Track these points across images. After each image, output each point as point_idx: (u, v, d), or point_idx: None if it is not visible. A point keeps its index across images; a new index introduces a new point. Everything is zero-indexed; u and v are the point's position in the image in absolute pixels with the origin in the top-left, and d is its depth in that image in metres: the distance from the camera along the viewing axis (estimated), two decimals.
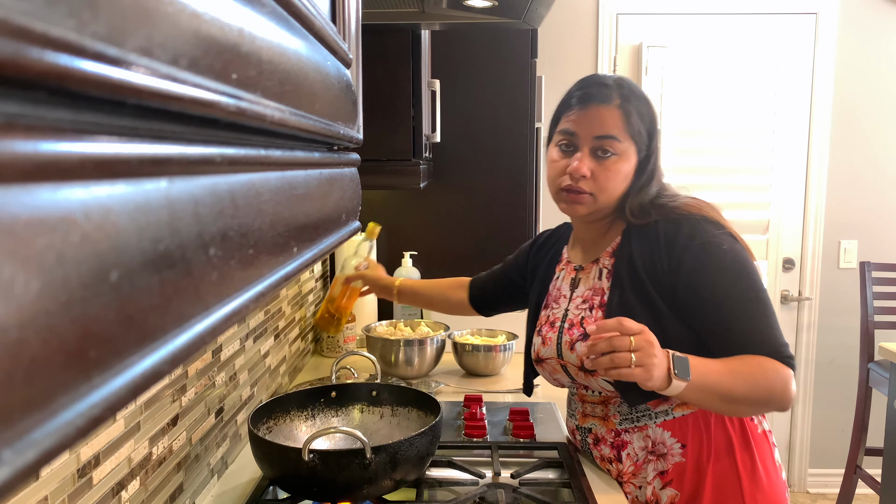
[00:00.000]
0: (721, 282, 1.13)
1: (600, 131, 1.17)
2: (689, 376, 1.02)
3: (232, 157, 0.27)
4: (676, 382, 1.01)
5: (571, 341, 1.21)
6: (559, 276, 1.33)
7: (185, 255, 0.22)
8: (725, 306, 1.12)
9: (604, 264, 1.24)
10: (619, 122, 1.17)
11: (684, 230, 1.15)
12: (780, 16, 3.00)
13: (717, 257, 1.13)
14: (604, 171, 1.18)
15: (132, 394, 0.18)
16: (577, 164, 1.18)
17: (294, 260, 0.35)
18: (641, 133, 1.19)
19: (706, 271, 1.13)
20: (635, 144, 1.19)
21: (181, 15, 0.20)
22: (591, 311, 1.21)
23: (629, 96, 1.19)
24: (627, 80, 1.23)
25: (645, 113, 1.20)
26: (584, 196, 1.19)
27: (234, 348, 1.34)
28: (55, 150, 0.15)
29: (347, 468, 1.00)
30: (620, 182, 1.19)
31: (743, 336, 1.11)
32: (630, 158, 1.19)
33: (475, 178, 2.32)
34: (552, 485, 1.23)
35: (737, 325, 1.12)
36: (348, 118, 0.47)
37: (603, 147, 1.17)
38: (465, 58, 2.26)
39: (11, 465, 0.14)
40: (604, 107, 1.18)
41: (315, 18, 0.37)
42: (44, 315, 0.15)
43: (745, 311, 1.12)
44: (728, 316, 1.12)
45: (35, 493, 0.72)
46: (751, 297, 1.13)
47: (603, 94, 1.19)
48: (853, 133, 3.07)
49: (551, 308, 1.31)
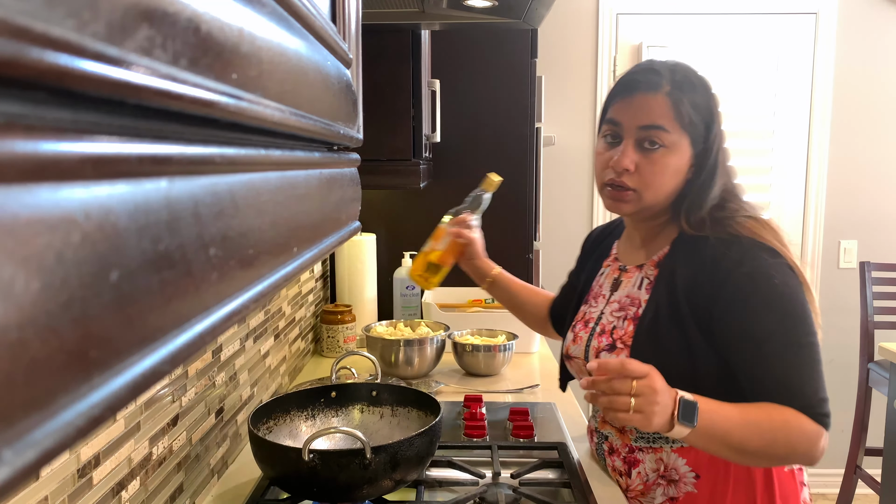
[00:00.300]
0: (763, 318, 1.02)
1: (646, 120, 1.07)
2: (694, 422, 0.95)
3: (232, 157, 0.27)
4: (679, 428, 0.95)
5: (598, 349, 1.16)
6: (604, 273, 1.27)
7: (185, 255, 0.22)
8: (764, 346, 1.01)
9: (647, 273, 1.15)
10: (668, 111, 1.06)
11: (733, 254, 1.03)
12: (780, 16, 3.00)
13: (764, 290, 1.02)
14: (649, 165, 1.07)
15: (132, 394, 0.18)
16: (619, 156, 1.08)
17: (294, 260, 0.35)
18: (696, 125, 1.07)
19: (748, 303, 1.02)
20: (689, 137, 1.07)
21: (181, 15, 0.20)
22: (624, 321, 1.14)
23: (682, 83, 1.07)
24: (683, 66, 1.11)
25: (701, 102, 1.08)
26: (628, 193, 1.10)
27: (234, 348, 1.34)
28: (55, 150, 0.15)
29: (347, 468, 1.00)
30: (669, 178, 1.08)
31: (777, 383, 1.01)
32: (681, 152, 1.08)
33: (475, 178, 2.31)
34: (552, 485, 1.23)
35: (773, 370, 1.01)
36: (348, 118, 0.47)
37: (650, 138, 1.07)
38: (465, 58, 2.26)
39: (11, 465, 0.14)
40: (651, 95, 1.07)
41: (315, 18, 0.37)
42: (44, 315, 0.15)
43: (784, 356, 1.01)
44: (765, 357, 1.02)
45: (35, 493, 0.72)
46: (794, 340, 1.02)
47: (651, 81, 1.08)
48: (853, 133, 3.07)
49: (590, 305, 1.25)
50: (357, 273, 2.15)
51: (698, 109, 1.08)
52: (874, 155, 3.09)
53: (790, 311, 1.02)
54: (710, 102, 1.09)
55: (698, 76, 1.11)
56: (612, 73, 3.05)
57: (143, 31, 0.18)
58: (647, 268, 1.16)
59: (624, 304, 1.16)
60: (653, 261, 1.15)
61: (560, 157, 3.07)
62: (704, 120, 1.08)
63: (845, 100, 3.05)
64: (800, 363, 1.01)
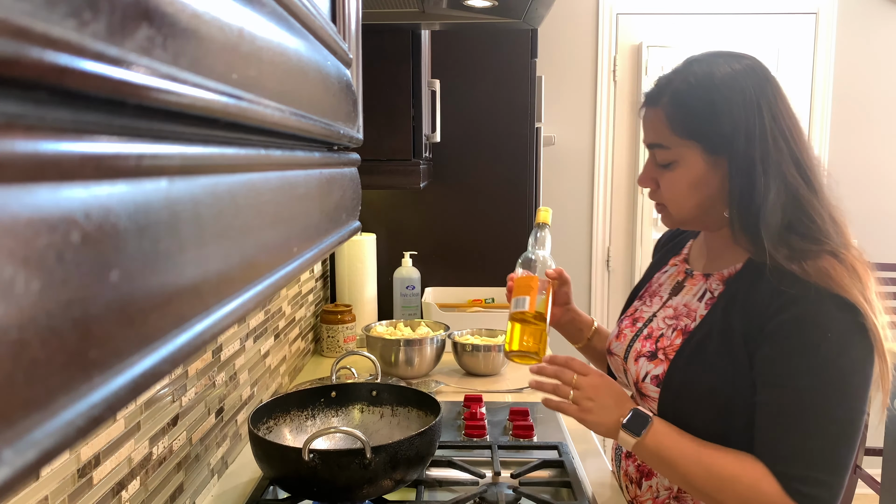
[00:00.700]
0: (795, 369, 0.89)
1: (648, 139, 1.02)
2: (639, 434, 0.96)
3: (232, 157, 0.27)
4: (623, 435, 0.97)
5: (639, 353, 1.09)
6: (668, 272, 1.17)
7: (185, 255, 0.22)
8: (784, 398, 0.90)
9: (712, 286, 1.04)
10: (664, 126, 0.98)
11: (794, 291, 0.90)
12: (780, 16, 3.00)
13: (808, 340, 0.89)
14: (663, 181, 1.01)
15: (132, 394, 0.18)
16: (640, 175, 1.06)
17: (294, 260, 0.35)
18: (702, 129, 0.95)
19: (783, 347, 0.90)
20: (699, 144, 0.96)
21: (181, 15, 0.20)
22: (673, 332, 1.05)
23: (680, 92, 0.97)
24: (691, 69, 0.98)
25: (703, 106, 0.95)
26: (661, 207, 1.05)
27: (234, 348, 1.34)
28: (55, 150, 0.15)
29: (347, 468, 1.00)
30: (686, 193, 0.99)
31: (772, 438, 0.91)
32: (692, 164, 0.97)
33: (475, 178, 2.32)
34: (552, 485, 1.23)
35: (778, 426, 0.90)
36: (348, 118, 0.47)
37: (656, 157, 1.01)
38: (465, 58, 2.26)
39: (12, 465, 0.14)
40: (651, 110, 1.01)
41: (315, 18, 0.37)
42: (44, 315, 0.15)
43: (800, 418, 0.89)
44: (777, 409, 0.90)
45: (35, 493, 0.72)
46: (820, 405, 0.88)
47: (651, 95, 1.02)
48: (853, 133, 3.08)
49: (644, 302, 1.17)
50: (357, 273, 2.16)
51: (696, 113, 0.96)
52: (874, 154, 3.09)
53: (832, 377, 0.88)
54: (715, 102, 0.94)
55: (708, 70, 0.97)
56: (612, 73, 3.05)
57: (143, 31, 0.18)
58: (713, 281, 1.05)
59: (679, 312, 1.07)
60: (721, 275, 1.04)
61: (560, 157, 3.07)
62: (710, 122, 0.95)
63: (845, 99, 3.05)
64: (812, 430, 0.89)
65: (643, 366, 1.06)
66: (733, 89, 0.94)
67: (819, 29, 3.00)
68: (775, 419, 0.91)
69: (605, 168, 3.10)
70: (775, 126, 0.94)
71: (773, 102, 0.95)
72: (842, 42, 3.01)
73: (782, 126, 0.95)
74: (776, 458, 0.90)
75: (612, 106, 3.07)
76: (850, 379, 0.89)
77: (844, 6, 3.00)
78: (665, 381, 1.02)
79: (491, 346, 1.83)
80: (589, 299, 3.18)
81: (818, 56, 3.01)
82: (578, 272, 3.16)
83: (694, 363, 0.99)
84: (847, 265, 0.90)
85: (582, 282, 3.18)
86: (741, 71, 0.96)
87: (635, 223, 3.14)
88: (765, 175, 0.93)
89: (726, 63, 0.97)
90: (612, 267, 3.17)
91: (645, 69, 3.01)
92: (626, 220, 3.15)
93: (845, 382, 0.89)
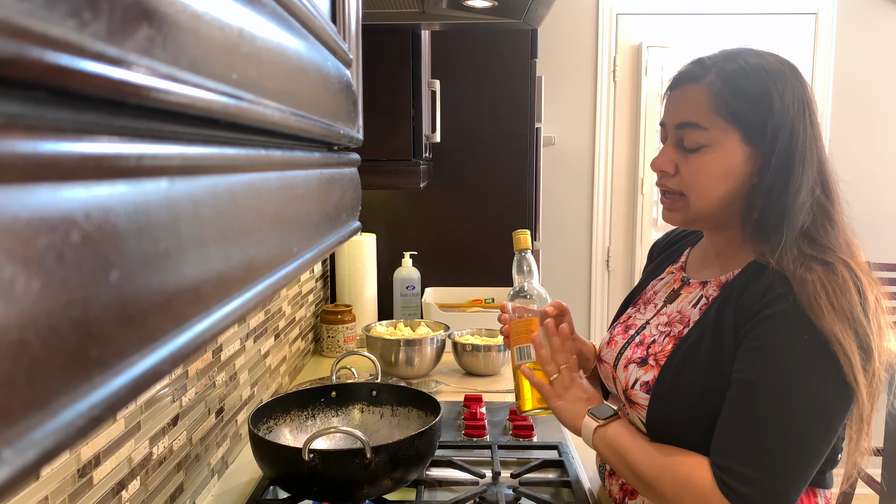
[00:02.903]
0: (762, 366, 0.86)
1: (680, 117, 0.94)
2: (603, 418, 0.98)
3: (232, 157, 0.27)
4: (588, 420, 1.00)
5: (629, 359, 1.04)
6: (664, 279, 1.12)
7: (185, 256, 0.22)
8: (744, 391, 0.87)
9: (708, 293, 1.00)
10: (706, 104, 0.92)
11: (783, 289, 0.87)
12: (780, 16, 3.00)
13: (782, 340, 0.86)
14: (688, 166, 0.94)
15: (132, 394, 0.18)
16: (657, 156, 0.97)
17: (294, 260, 0.35)
18: (746, 116, 0.91)
19: (757, 343, 0.87)
20: (739, 131, 0.91)
21: (181, 15, 0.20)
22: (665, 338, 1.01)
23: (730, 73, 0.92)
24: (745, 53, 0.94)
25: (754, 90, 0.91)
26: (676, 200, 0.97)
27: (234, 348, 1.34)
28: (55, 150, 0.15)
29: (347, 468, 1.00)
30: (715, 181, 0.93)
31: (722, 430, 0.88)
32: (728, 150, 0.92)
33: (475, 178, 2.32)
34: (552, 485, 1.23)
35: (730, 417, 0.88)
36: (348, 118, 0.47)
37: (684, 138, 0.94)
38: (465, 58, 2.26)
39: (12, 465, 0.14)
40: (690, 87, 0.94)
41: (315, 18, 0.37)
42: (44, 315, 0.15)
43: (749, 411, 0.86)
44: (736, 400, 0.88)
45: (35, 492, 0.72)
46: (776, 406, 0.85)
47: (692, 73, 0.95)
48: (852, 133, 3.08)
49: (638, 310, 1.13)
50: (357, 273, 2.16)
51: (747, 98, 0.91)
52: (874, 154, 3.09)
53: (796, 381, 0.85)
54: (767, 89, 0.91)
55: (761, 58, 0.93)
56: (612, 73, 3.05)
57: (143, 31, 0.18)
58: (710, 287, 1.01)
59: (673, 319, 1.03)
60: (719, 280, 0.99)
61: (560, 157, 3.07)
62: (759, 110, 0.91)
63: (845, 99, 3.05)
64: (762, 433, 0.85)
65: (633, 372, 1.02)
66: (785, 83, 0.92)
67: (819, 29, 3.00)
68: (730, 412, 0.88)
69: (605, 168, 3.10)
70: (812, 130, 0.93)
71: (812, 108, 0.94)
72: (842, 42, 3.01)
73: (817, 132, 0.94)
74: (718, 450, 0.88)
75: (612, 106, 3.07)
76: (816, 388, 0.85)
77: (844, 6, 3.00)
78: (655, 388, 0.97)
79: (491, 346, 1.83)
80: (589, 299, 3.18)
81: (818, 56, 3.01)
82: (578, 272, 3.16)
83: (684, 369, 0.95)
84: (840, 279, 0.87)
85: (582, 282, 3.18)
86: (788, 70, 0.94)
87: (635, 223, 3.14)
88: (801, 174, 0.91)
89: (773, 59, 0.95)
90: (612, 267, 3.17)
91: (645, 69, 3.01)
92: (626, 220, 3.15)
93: (809, 391, 0.85)
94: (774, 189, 0.91)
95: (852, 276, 0.88)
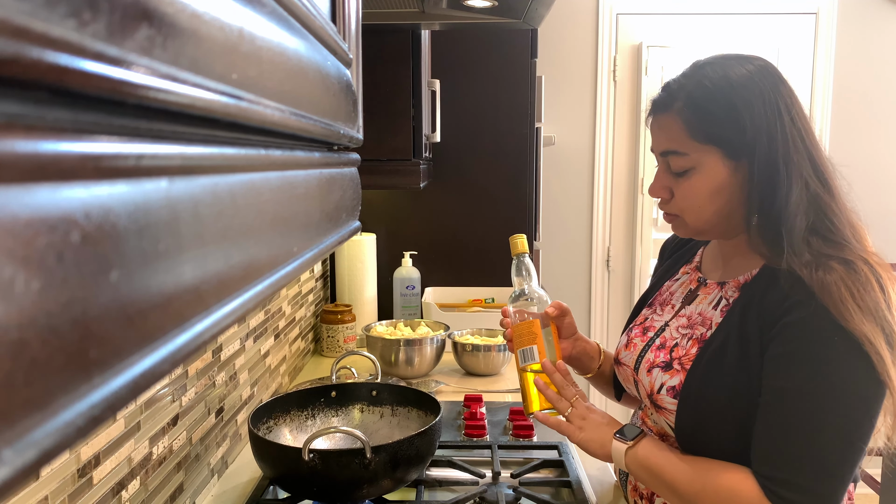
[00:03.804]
0: (794, 372, 0.86)
1: (661, 146, 0.98)
2: (632, 439, 0.97)
3: (232, 157, 0.27)
4: (616, 444, 0.98)
5: (652, 363, 1.03)
6: (679, 279, 1.12)
7: (185, 255, 0.22)
8: (779, 398, 0.87)
9: (727, 293, 1.00)
10: (680, 131, 0.94)
11: (803, 295, 0.87)
12: (780, 16, 3.00)
13: (811, 344, 0.86)
14: (679, 190, 0.97)
15: (132, 394, 0.18)
16: (651, 184, 1.01)
17: (294, 260, 0.35)
18: (723, 133, 0.92)
19: (787, 349, 0.88)
20: (719, 149, 0.93)
21: (181, 15, 0.20)
22: (688, 341, 1.01)
23: (697, 92, 0.93)
24: (705, 72, 0.95)
25: (720, 109, 0.92)
26: (675, 218, 1.00)
27: (234, 348, 1.34)
28: (55, 150, 0.15)
29: (347, 468, 1.00)
30: (706, 200, 0.95)
31: (761, 439, 0.88)
32: (712, 169, 0.94)
33: (475, 178, 2.32)
34: (552, 485, 1.23)
35: (768, 425, 0.88)
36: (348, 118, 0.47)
37: (670, 164, 0.97)
38: (465, 58, 2.26)
39: (12, 465, 0.14)
40: (663, 116, 0.97)
41: (315, 18, 0.37)
42: (44, 315, 0.15)
43: (787, 418, 0.86)
44: (772, 407, 0.88)
45: (35, 492, 0.72)
46: (813, 410, 0.85)
47: (662, 101, 0.98)
48: (853, 133, 3.08)
49: (654, 311, 1.12)
50: (357, 273, 2.16)
51: (714, 117, 0.92)
52: (874, 154, 3.09)
53: (831, 384, 0.85)
54: (733, 103, 0.92)
55: (721, 73, 0.94)
56: (612, 73, 3.05)
57: (143, 31, 0.18)
58: (728, 288, 1.00)
59: (694, 321, 1.03)
60: (737, 281, 1.00)
61: (560, 157, 3.07)
62: (730, 125, 0.92)
63: (845, 99, 3.05)
64: (803, 438, 0.85)
65: (658, 377, 1.01)
66: (751, 91, 0.92)
67: (819, 29, 3.00)
68: (767, 421, 0.88)
69: (605, 168, 3.10)
70: (794, 127, 0.93)
71: (789, 103, 0.93)
72: (842, 42, 3.01)
73: (799, 127, 0.93)
74: (760, 460, 0.87)
75: (612, 106, 3.07)
76: (850, 388, 0.85)
77: (844, 6, 3.00)
78: (683, 392, 0.96)
79: (491, 346, 1.83)
80: (589, 299, 3.18)
81: (818, 56, 3.01)
82: (578, 272, 3.16)
83: (712, 373, 0.94)
84: (863, 277, 0.86)
85: (582, 282, 3.18)
86: (756, 72, 0.93)
87: (635, 223, 3.14)
88: (788, 177, 0.91)
89: (739, 65, 0.94)
90: (612, 267, 3.17)
91: (645, 69, 3.01)
92: (626, 220, 3.15)
93: (845, 391, 0.85)
94: (765, 197, 0.92)
95: (873, 272, 0.88)
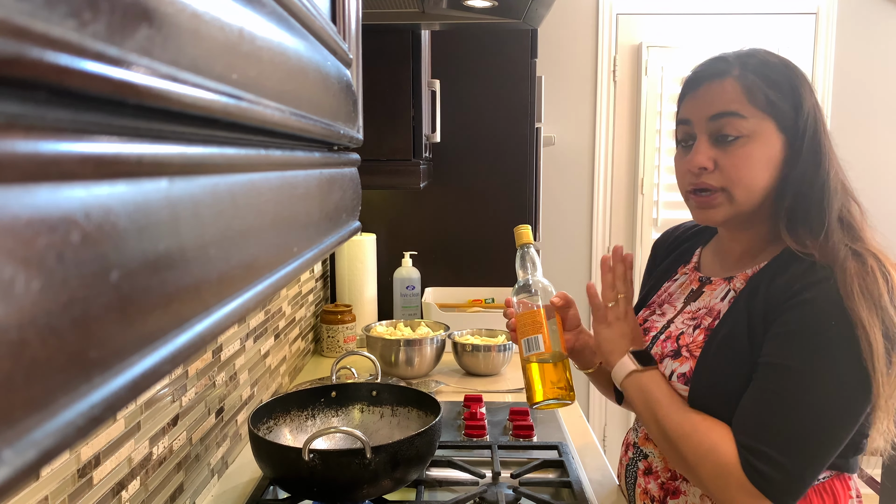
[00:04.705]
0: (788, 349, 0.88)
1: (715, 109, 0.93)
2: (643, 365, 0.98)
3: (232, 157, 0.27)
4: (626, 360, 1.00)
5: (661, 354, 1.03)
6: (677, 280, 1.12)
7: (185, 255, 0.22)
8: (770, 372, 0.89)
9: (735, 286, 1.00)
10: (739, 94, 0.92)
11: (810, 277, 0.89)
12: (780, 16, 3.00)
13: (810, 324, 0.87)
14: (730, 158, 0.93)
15: (132, 394, 0.18)
16: (693, 154, 0.95)
17: (294, 260, 0.35)
18: (778, 104, 0.92)
19: (785, 327, 0.89)
20: (773, 119, 0.92)
21: (181, 15, 0.20)
22: (695, 330, 1.01)
23: (754, 63, 0.94)
24: (759, 50, 0.97)
25: (781, 79, 0.93)
26: (716, 196, 0.95)
27: (234, 348, 1.34)
28: (55, 150, 0.15)
29: (347, 468, 1.00)
30: (758, 170, 0.93)
31: (746, 409, 0.89)
32: (767, 138, 0.92)
33: (475, 178, 2.32)
34: (552, 485, 1.23)
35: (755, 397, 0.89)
36: (348, 118, 0.47)
37: (723, 129, 0.93)
38: (465, 58, 2.26)
39: (11, 465, 0.14)
40: (717, 81, 0.94)
41: (315, 18, 0.37)
42: (44, 315, 0.15)
43: (774, 393, 0.88)
44: (762, 380, 0.89)
45: (35, 493, 0.72)
46: (801, 389, 0.86)
47: (716, 69, 0.95)
48: (853, 133, 3.07)
49: (654, 313, 1.12)
50: (357, 273, 2.16)
51: (778, 87, 0.93)
52: (874, 154, 3.09)
53: (823, 366, 0.86)
54: (792, 79, 0.94)
55: (775, 55, 0.97)
56: (612, 73, 3.05)
57: (143, 31, 0.18)
58: (736, 280, 1.00)
59: (700, 314, 1.03)
60: (745, 274, 0.99)
61: (560, 157, 3.07)
62: (789, 98, 0.93)
63: (845, 100, 3.05)
64: (785, 414, 0.87)
65: (667, 365, 1.00)
66: (802, 76, 0.96)
67: (819, 29, 3.00)
68: (754, 392, 0.90)
69: (605, 168, 3.10)
70: (824, 125, 0.97)
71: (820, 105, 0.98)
72: (842, 42, 3.01)
73: (827, 127, 0.98)
74: (741, 428, 0.89)
75: (612, 106, 3.07)
76: (842, 373, 0.86)
77: (844, 6, 3.00)
78: (694, 378, 0.96)
79: (491, 346, 1.83)
80: None
81: (818, 56, 3.01)
82: (578, 272, 3.16)
83: (721, 357, 0.95)
84: (871, 268, 0.88)
85: (582, 282, 3.17)
86: (801, 70, 0.98)
87: (635, 223, 3.14)
88: (828, 160, 0.94)
89: (788, 58, 0.99)
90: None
91: (645, 69, 3.01)
92: (626, 220, 3.15)
93: (836, 375, 0.86)
94: (807, 173, 0.93)
95: (881, 267, 0.89)
